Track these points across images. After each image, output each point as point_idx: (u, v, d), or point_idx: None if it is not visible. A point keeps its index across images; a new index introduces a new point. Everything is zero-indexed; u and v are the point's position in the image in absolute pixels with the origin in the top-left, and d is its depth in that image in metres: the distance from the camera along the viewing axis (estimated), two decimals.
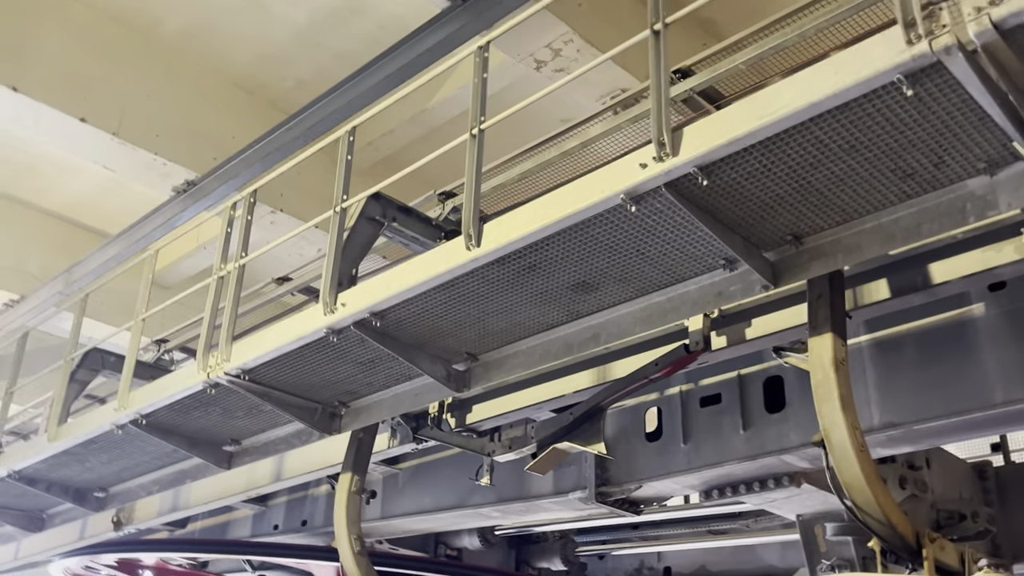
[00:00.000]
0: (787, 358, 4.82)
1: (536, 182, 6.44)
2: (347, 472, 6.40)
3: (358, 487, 6.39)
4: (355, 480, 6.36)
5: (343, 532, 6.29)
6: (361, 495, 6.46)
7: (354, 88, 8.85)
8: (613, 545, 10.86)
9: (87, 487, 7.74)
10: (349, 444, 6.61)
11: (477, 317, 4.86)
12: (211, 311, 5.87)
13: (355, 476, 6.36)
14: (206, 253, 13.95)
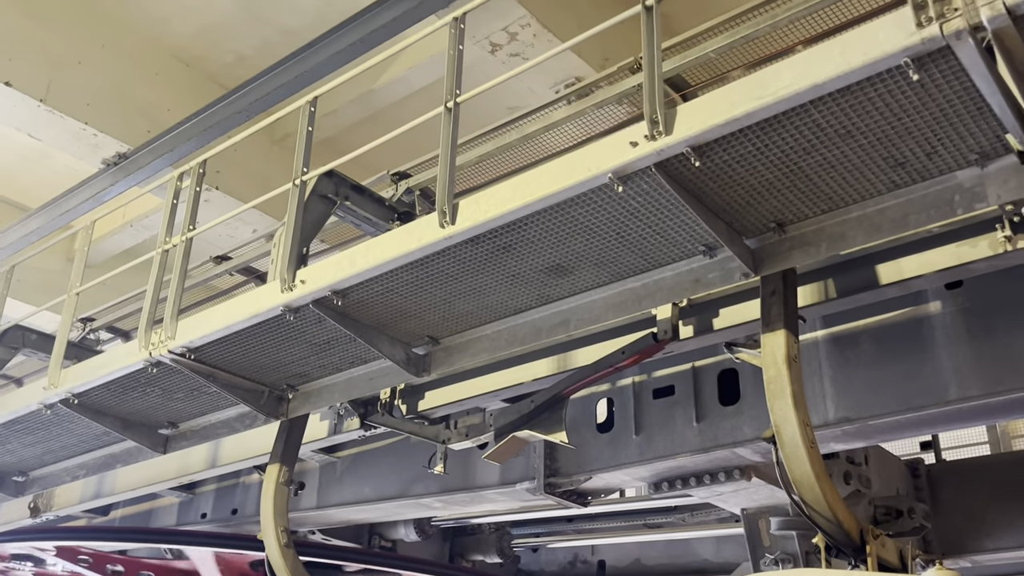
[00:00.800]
0: (739, 354, 4.81)
1: (487, 168, 6.30)
2: (275, 463, 6.23)
3: (286, 478, 6.23)
4: (283, 471, 6.22)
5: (269, 524, 6.16)
6: (289, 486, 6.29)
7: (301, 64, 8.56)
8: (548, 538, 10.81)
9: (6, 470, 7.29)
10: (278, 434, 6.44)
11: (444, 299, 4.70)
12: (155, 286, 5.56)
13: (283, 467, 6.22)
14: (133, 231, 13.43)
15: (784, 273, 4.25)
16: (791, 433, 4.04)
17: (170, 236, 5.73)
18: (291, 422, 6.35)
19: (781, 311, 4.16)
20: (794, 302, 4.27)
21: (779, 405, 4.09)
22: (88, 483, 8.41)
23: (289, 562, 6.17)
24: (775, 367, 4.13)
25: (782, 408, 4.07)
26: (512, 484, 7.11)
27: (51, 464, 7.15)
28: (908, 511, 7.79)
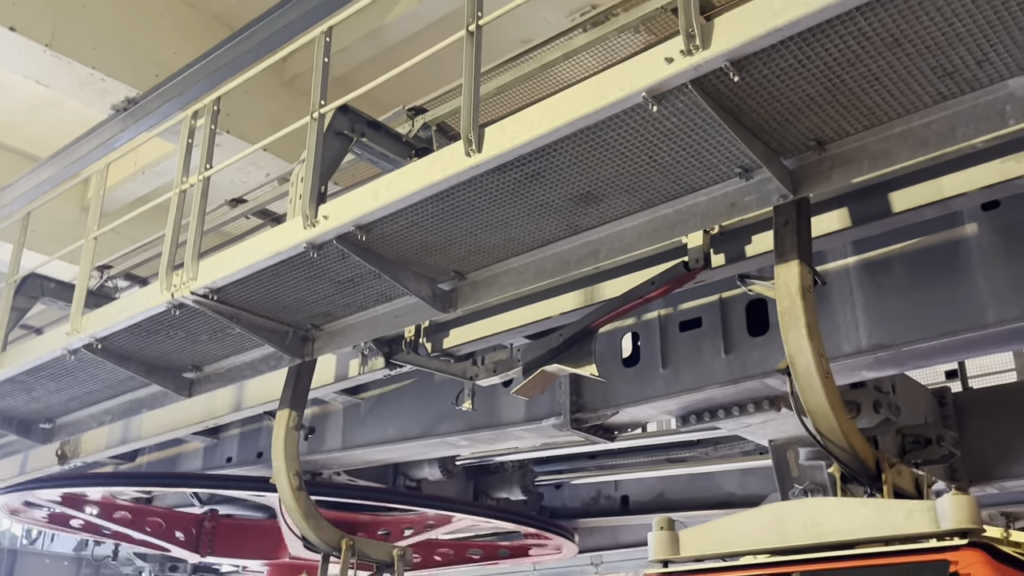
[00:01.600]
0: (753, 286, 4.73)
1: (504, 102, 6.14)
2: (284, 408, 6.29)
3: (296, 423, 6.30)
4: (293, 416, 6.28)
5: (281, 467, 6.24)
6: (299, 431, 6.38)
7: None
8: (571, 475, 10.85)
9: (32, 418, 7.29)
10: (286, 380, 6.48)
11: (470, 231, 4.58)
12: (174, 227, 5.46)
13: (292, 412, 6.27)
14: (145, 178, 13.31)
15: (797, 203, 4.16)
16: (805, 364, 4.00)
17: (186, 177, 5.61)
18: (299, 368, 6.40)
19: (795, 241, 4.10)
20: (807, 232, 4.19)
21: (793, 336, 4.05)
22: (114, 430, 8.43)
23: (302, 505, 6.30)
24: (789, 298, 4.07)
25: (796, 339, 4.03)
26: (538, 420, 7.08)
27: (77, 411, 7.14)
28: (937, 439, 7.73)
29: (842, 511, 3.73)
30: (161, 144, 12.93)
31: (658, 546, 4.12)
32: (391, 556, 6.75)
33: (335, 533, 6.56)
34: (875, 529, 3.59)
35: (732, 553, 4.00)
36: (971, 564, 3.24)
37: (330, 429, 8.57)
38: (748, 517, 4.01)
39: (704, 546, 4.05)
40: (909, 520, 3.52)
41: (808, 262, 4.12)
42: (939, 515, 3.46)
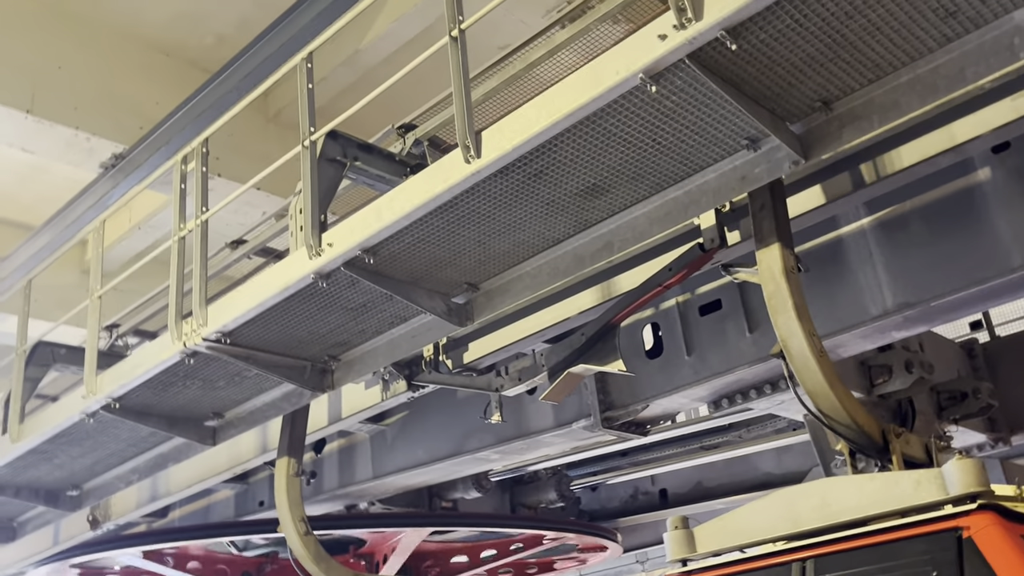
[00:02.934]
0: (736, 273, 4.67)
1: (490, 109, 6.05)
2: (283, 456, 6.44)
3: (296, 470, 6.47)
4: (292, 463, 6.45)
5: (286, 516, 6.35)
6: (300, 476, 6.52)
7: (284, 31, 8.25)
8: (605, 475, 10.71)
9: (58, 486, 7.20)
10: (282, 428, 6.57)
11: (478, 240, 4.48)
12: (178, 274, 5.37)
13: (291, 459, 6.45)
14: (142, 233, 13.24)
15: (771, 185, 4.16)
16: (798, 345, 3.99)
17: (183, 223, 5.52)
18: (294, 415, 6.54)
19: (772, 225, 4.11)
20: (784, 214, 4.19)
21: (783, 319, 4.04)
22: (143, 488, 8.33)
23: (311, 550, 6.41)
24: (773, 282, 4.08)
25: (786, 322, 4.03)
26: (568, 424, 6.97)
27: (102, 473, 7.05)
28: (973, 392, 7.59)
29: (851, 489, 3.71)
30: (154, 197, 12.86)
31: (675, 546, 4.11)
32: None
33: (348, 574, 6.64)
34: (885, 503, 3.57)
35: (748, 544, 3.97)
36: (983, 528, 3.21)
37: (359, 459, 8.47)
38: (760, 506, 3.98)
39: (720, 540, 4.04)
40: (918, 490, 3.50)
41: (788, 244, 4.13)
42: (947, 481, 3.43)
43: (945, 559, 3.23)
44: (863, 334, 5.68)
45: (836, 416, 4.01)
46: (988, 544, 3.18)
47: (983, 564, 3.14)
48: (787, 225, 4.17)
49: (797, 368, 4.03)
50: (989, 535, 3.19)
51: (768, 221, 4.13)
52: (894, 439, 4.08)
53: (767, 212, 4.14)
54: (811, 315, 5.78)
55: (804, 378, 4.02)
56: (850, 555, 3.52)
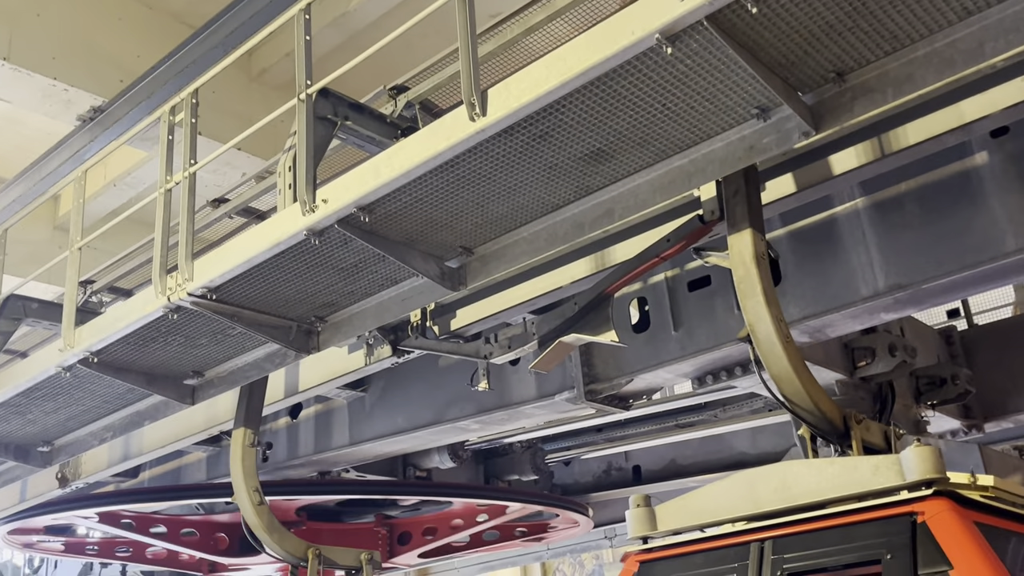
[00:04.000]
0: (708, 257, 4.66)
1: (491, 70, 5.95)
2: (240, 427, 6.58)
3: (251, 440, 6.59)
4: (248, 434, 6.57)
5: (241, 485, 6.52)
6: (256, 447, 6.65)
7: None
8: (580, 450, 10.71)
9: (30, 442, 7.04)
10: (239, 400, 6.67)
11: (477, 203, 4.40)
12: (164, 227, 5.23)
13: (247, 430, 6.57)
14: (117, 190, 12.99)
15: (745, 171, 4.19)
16: (765, 330, 4.04)
17: (170, 175, 5.38)
18: (251, 386, 6.59)
19: (745, 210, 4.16)
20: (757, 200, 4.24)
21: (751, 304, 4.08)
22: (114, 447, 8.19)
23: (264, 519, 6.58)
24: (744, 267, 4.12)
25: (754, 306, 4.07)
26: (551, 396, 6.94)
27: (76, 430, 6.90)
28: (952, 378, 7.66)
29: (810, 472, 3.77)
30: (130, 154, 12.61)
31: (636, 523, 4.16)
32: (359, 561, 6.87)
33: (300, 544, 6.74)
34: (844, 487, 3.63)
35: (708, 524, 4.02)
36: (936, 513, 3.29)
37: (336, 425, 8.39)
38: (722, 487, 4.02)
39: (681, 519, 4.08)
40: (876, 475, 3.56)
41: (760, 230, 4.17)
42: (904, 468, 3.49)
43: (899, 543, 3.30)
44: (853, 314, 5.68)
45: (799, 401, 4.06)
46: (941, 529, 3.25)
47: (936, 548, 3.22)
48: (759, 211, 4.22)
49: (763, 353, 4.09)
50: (943, 520, 3.26)
51: (741, 207, 4.18)
52: (855, 425, 4.13)
53: (740, 198, 4.19)
54: (802, 294, 5.81)
55: (770, 363, 4.07)
56: (807, 537, 3.59)
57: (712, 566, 3.80)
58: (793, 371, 4.02)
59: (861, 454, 4.05)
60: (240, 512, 6.67)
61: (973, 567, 3.16)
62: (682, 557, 3.97)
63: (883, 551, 3.32)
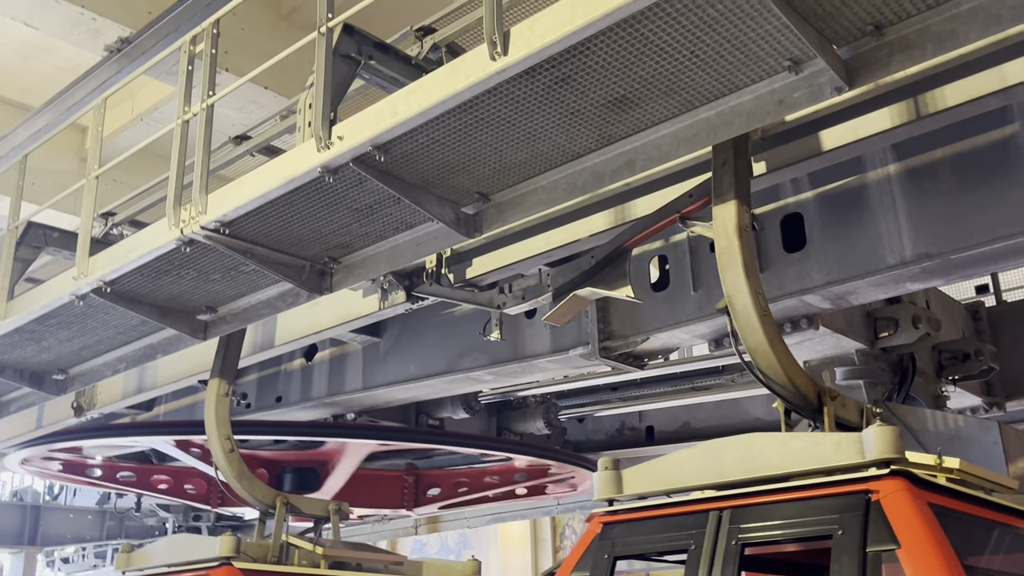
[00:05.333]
0: (693, 227, 4.60)
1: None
2: (215, 377, 6.76)
3: (226, 390, 6.77)
4: (223, 384, 6.75)
5: (213, 433, 6.69)
6: (230, 396, 6.82)
7: None
8: (594, 407, 10.67)
9: (44, 369, 7.08)
10: (217, 349, 6.84)
11: (495, 147, 4.29)
12: (179, 158, 5.17)
13: (222, 380, 6.75)
14: (143, 125, 12.96)
15: (735, 142, 4.17)
16: (743, 302, 4.05)
17: (188, 107, 5.30)
18: (228, 338, 6.75)
19: (732, 181, 4.13)
20: (745, 172, 4.21)
21: (730, 275, 4.09)
22: (129, 379, 8.25)
23: (235, 467, 6.73)
24: (726, 238, 4.11)
25: (733, 278, 4.08)
26: (565, 351, 6.87)
27: (90, 360, 6.93)
28: (976, 354, 7.50)
29: (775, 445, 3.80)
30: (159, 90, 12.57)
31: (602, 485, 4.21)
32: (326, 511, 6.95)
33: (269, 492, 6.83)
34: (805, 462, 3.65)
35: (672, 490, 4.05)
36: (891, 493, 3.33)
37: (350, 370, 8.38)
38: (688, 454, 4.08)
39: (646, 484, 4.14)
40: (837, 452, 3.59)
41: (746, 202, 4.15)
42: (865, 446, 3.51)
43: (852, 519, 3.35)
44: (877, 282, 5.54)
45: (774, 375, 4.06)
46: (894, 508, 3.29)
47: (886, 527, 3.27)
48: (747, 183, 4.20)
49: (740, 325, 4.09)
50: (896, 500, 3.30)
51: (728, 177, 4.14)
52: (829, 402, 4.12)
53: (728, 168, 4.15)
54: (825, 259, 5.67)
55: (746, 335, 4.07)
56: (766, 508, 3.64)
57: (671, 531, 3.89)
58: (768, 344, 4.03)
59: (833, 430, 4.05)
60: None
61: (920, 547, 3.19)
62: (644, 521, 4.05)
63: (835, 527, 3.38)
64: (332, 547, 6.57)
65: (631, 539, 4.05)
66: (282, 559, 6.36)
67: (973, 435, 6.35)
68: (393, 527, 14.56)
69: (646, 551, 4.14)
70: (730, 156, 4.18)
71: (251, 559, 6.12)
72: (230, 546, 6.03)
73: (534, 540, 17.84)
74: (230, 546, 6.03)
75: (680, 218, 4.67)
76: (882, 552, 3.25)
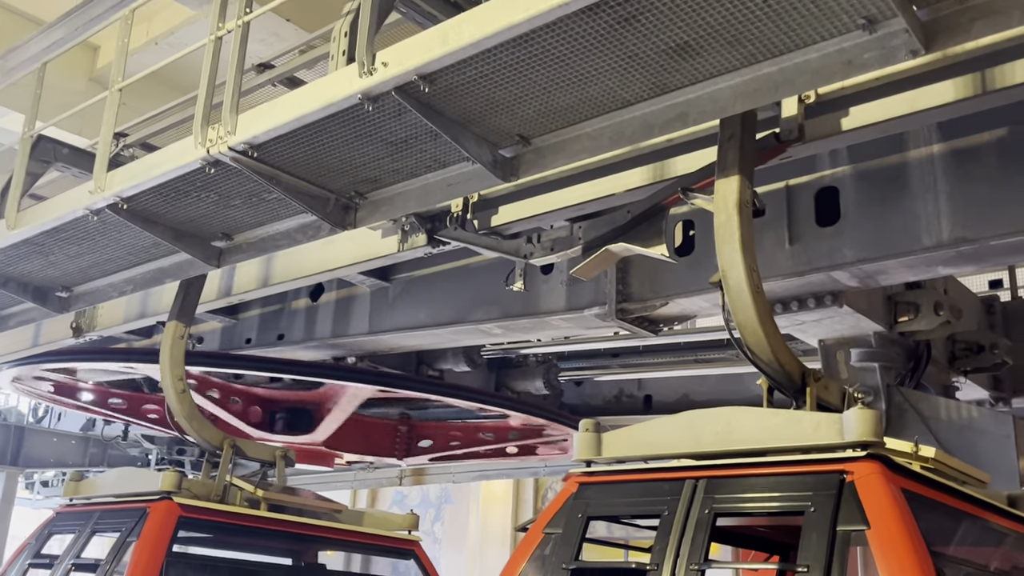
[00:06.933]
0: (694, 199, 4.60)
1: None
2: (172, 320, 6.96)
3: (182, 333, 6.96)
4: (179, 327, 6.94)
5: (167, 374, 6.86)
6: (185, 339, 6.98)
7: None
8: (594, 371, 10.61)
9: (49, 285, 6.92)
10: (177, 294, 7.00)
11: (544, 87, 4.13)
12: (211, 73, 4.99)
13: (179, 323, 6.95)
14: (158, 49, 12.66)
15: (743, 116, 4.16)
16: (737, 278, 4.07)
17: (223, 22, 5.12)
18: (188, 283, 6.90)
19: (737, 156, 4.13)
20: (751, 147, 4.22)
21: (727, 249, 4.11)
22: (131, 304, 8.11)
23: (186, 407, 6.93)
24: (726, 212, 4.14)
25: (730, 253, 4.10)
26: (580, 310, 6.77)
27: (96, 279, 6.77)
28: (990, 346, 7.44)
29: (754, 420, 3.84)
30: (176, 13, 12.28)
31: (582, 447, 4.26)
32: (273, 456, 7.06)
33: (217, 434, 6.98)
34: (783, 439, 3.68)
35: (650, 456, 4.14)
36: (866, 475, 3.39)
37: (356, 313, 8.27)
38: (668, 422, 4.13)
39: (625, 448, 4.21)
40: (816, 431, 3.63)
41: (749, 178, 4.15)
42: (844, 427, 3.56)
43: (825, 498, 3.41)
44: (909, 264, 5.45)
45: (760, 352, 4.08)
46: (867, 490, 3.35)
47: (857, 508, 3.32)
48: (752, 159, 4.21)
49: (732, 300, 4.10)
50: (870, 482, 3.36)
51: (733, 152, 4.13)
52: (812, 382, 4.13)
53: (734, 143, 4.14)
54: (859, 236, 5.56)
55: (736, 310, 4.09)
56: (741, 480, 3.71)
57: (647, 496, 3.95)
58: (759, 321, 4.03)
59: (814, 410, 4.05)
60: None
61: (890, 530, 3.23)
62: (620, 484, 4.12)
63: (808, 504, 3.45)
64: (273, 491, 6.72)
65: (605, 500, 4.11)
66: (224, 499, 6.49)
67: (986, 426, 6.31)
68: (377, 476, 14.55)
69: (619, 513, 4.22)
70: (737, 130, 4.16)
71: (193, 495, 6.24)
72: (172, 482, 6.14)
73: (516, 499, 17.89)
74: (172, 482, 6.14)
75: (682, 190, 4.63)
76: (851, 532, 3.31)
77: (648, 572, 3.67)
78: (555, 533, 4.08)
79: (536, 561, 4.10)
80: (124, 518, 6.09)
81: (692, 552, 3.59)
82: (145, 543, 5.74)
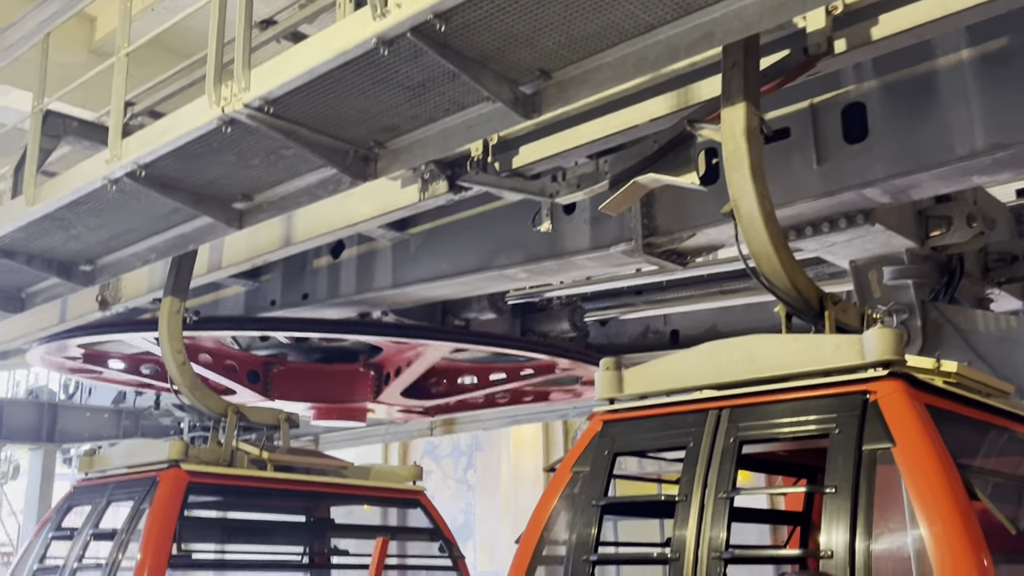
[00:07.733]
0: (700, 129, 4.53)
1: None
2: (168, 296, 7.20)
3: (178, 308, 7.20)
4: (175, 302, 7.19)
5: (167, 347, 7.16)
6: (181, 314, 7.22)
7: None
8: (619, 310, 10.55)
9: (72, 259, 6.90)
10: (169, 271, 7.26)
11: (564, 16, 4.01)
12: (219, 28, 4.89)
13: (174, 298, 7.19)
14: (155, 15, 12.47)
15: (746, 42, 4.11)
16: (749, 206, 4.05)
17: None
18: (180, 259, 7.12)
19: (741, 84, 4.10)
20: (755, 74, 4.18)
21: (736, 178, 4.07)
22: (154, 273, 8.08)
23: (188, 378, 7.20)
24: (734, 141, 4.10)
25: (740, 181, 4.06)
26: (605, 247, 6.68)
27: (119, 250, 6.75)
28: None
29: (776, 346, 3.85)
30: None
31: (604, 385, 4.28)
32: (277, 420, 7.26)
33: (220, 402, 7.23)
34: (805, 363, 3.68)
35: (672, 390, 4.13)
36: (889, 393, 3.39)
37: (379, 267, 8.23)
38: (688, 355, 4.13)
39: (647, 384, 4.21)
40: (837, 353, 3.62)
41: (755, 104, 4.12)
42: (864, 348, 3.55)
43: (849, 419, 3.42)
44: (942, 175, 5.34)
45: (776, 279, 4.06)
46: (891, 408, 3.35)
47: (883, 426, 3.33)
48: (757, 85, 4.15)
49: (744, 228, 4.08)
50: (893, 400, 3.36)
51: (737, 80, 4.09)
52: (831, 306, 4.10)
53: (738, 70, 4.10)
54: (888, 151, 5.44)
55: (750, 238, 4.07)
56: (764, 408, 3.71)
57: (671, 430, 3.97)
58: (773, 248, 4.01)
59: (833, 333, 4.02)
60: None
61: (915, 446, 3.24)
62: (644, 420, 4.13)
63: (833, 426, 3.46)
64: (279, 452, 6.93)
65: (631, 436, 4.14)
66: (232, 464, 6.73)
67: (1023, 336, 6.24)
68: (408, 428, 14.65)
69: (645, 448, 4.23)
70: (740, 57, 4.10)
71: (201, 462, 6.48)
72: (179, 450, 6.36)
73: (546, 442, 18.01)
74: (179, 450, 6.36)
75: (689, 121, 4.54)
76: (877, 451, 3.32)
77: (677, 503, 3.69)
78: (583, 471, 4.11)
79: (566, 499, 4.14)
80: (136, 488, 6.32)
81: (720, 481, 3.61)
82: (157, 510, 5.99)
